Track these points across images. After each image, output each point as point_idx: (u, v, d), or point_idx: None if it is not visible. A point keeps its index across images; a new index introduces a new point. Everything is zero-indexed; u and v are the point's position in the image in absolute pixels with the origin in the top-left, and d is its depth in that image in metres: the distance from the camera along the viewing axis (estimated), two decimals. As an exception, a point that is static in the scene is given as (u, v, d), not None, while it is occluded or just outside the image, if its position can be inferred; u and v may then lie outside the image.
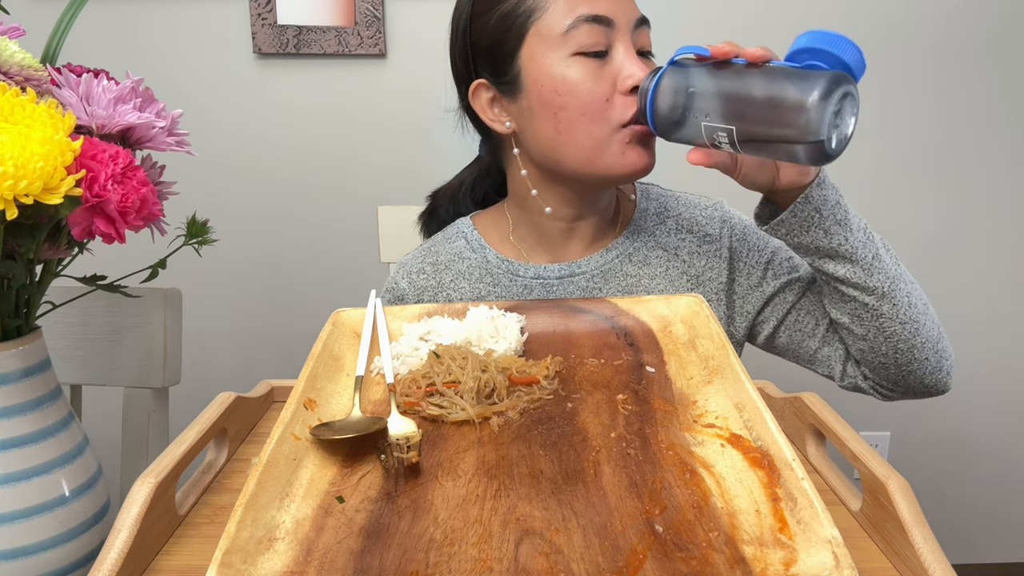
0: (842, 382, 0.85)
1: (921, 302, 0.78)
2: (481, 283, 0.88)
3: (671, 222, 0.90)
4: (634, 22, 0.77)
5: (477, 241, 0.90)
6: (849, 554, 0.38)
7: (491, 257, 0.89)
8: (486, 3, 0.80)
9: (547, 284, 0.87)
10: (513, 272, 0.87)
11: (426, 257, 0.92)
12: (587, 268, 0.87)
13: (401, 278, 0.91)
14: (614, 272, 0.87)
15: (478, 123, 0.88)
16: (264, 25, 1.45)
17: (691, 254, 0.88)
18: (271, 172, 1.54)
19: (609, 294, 0.86)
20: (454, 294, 0.88)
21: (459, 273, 0.89)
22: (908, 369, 0.78)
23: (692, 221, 0.90)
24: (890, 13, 1.50)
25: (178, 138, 0.61)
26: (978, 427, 1.71)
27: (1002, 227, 1.61)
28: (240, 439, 0.63)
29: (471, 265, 0.89)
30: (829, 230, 0.73)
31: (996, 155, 1.57)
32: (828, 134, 0.57)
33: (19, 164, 0.44)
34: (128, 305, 0.95)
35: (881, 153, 1.56)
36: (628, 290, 0.86)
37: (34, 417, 0.54)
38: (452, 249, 0.91)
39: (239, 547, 0.40)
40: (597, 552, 0.41)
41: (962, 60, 1.53)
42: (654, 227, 0.89)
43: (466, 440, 0.53)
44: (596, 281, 0.86)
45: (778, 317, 0.86)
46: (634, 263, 0.87)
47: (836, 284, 0.77)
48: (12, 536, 0.52)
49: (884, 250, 0.77)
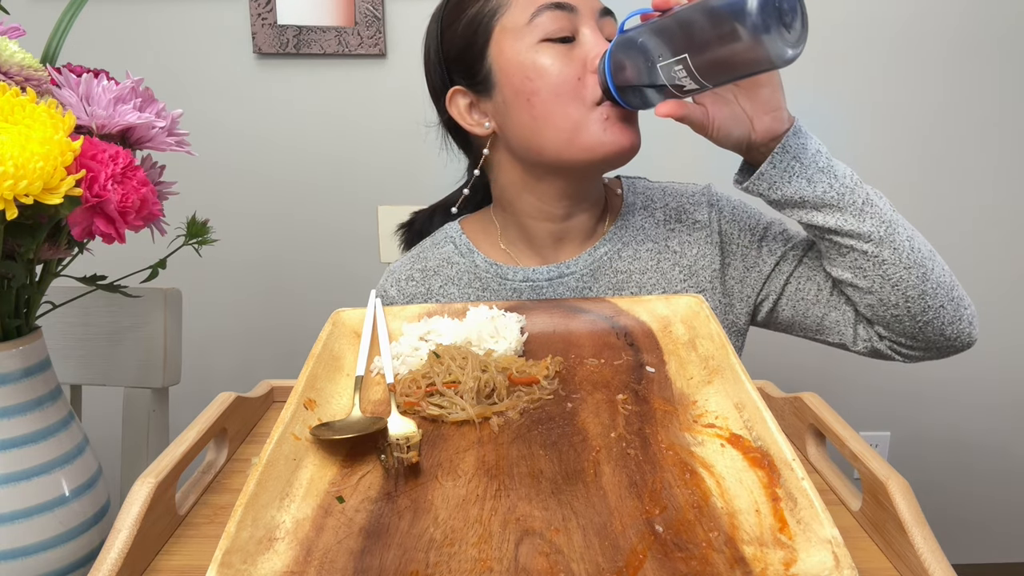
0: (855, 346, 0.82)
1: (926, 247, 0.75)
2: (470, 288, 0.87)
3: (659, 213, 0.88)
4: (598, 11, 0.79)
5: (466, 246, 0.90)
6: (849, 554, 0.38)
7: (479, 261, 0.88)
8: (453, 13, 0.83)
9: (536, 287, 0.86)
10: (502, 276, 0.87)
11: (415, 264, 0.91)
12: (576, 268, 0.86)
13: (390, 286, 0.91)
14: (603, 270, 0.86)
15: (459, 137, 0.89)
16: (264, 25, 1.45)
17: (682, 244, 0.86)
18: (271, 172, 1.54)
19: (600, 292, 0.85)
20: (443, 299, 0.87)
21: (448, 278, 0.88)
22: (924, 320, 0.74)
23: (680, 210, 0.88)
24: (890, 13, 1.50)
25: (178, 138, 0.61)
26: (978, 427, 1.71)
27: (1002, 226, 1.61)
28: (240, 439, 0.63)
29: (460, 270, 0.88)
30: (812, 178, 0.72)
31: (995, 155, 1.57)
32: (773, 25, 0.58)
33: (19, 164, 0.44)
34: (128, 305, 0.95)
35: (881, 152, 1.56)
36: (619, 287, 0.85)
37: (34, 417, 0.54)
38: (440, 254, 0.90)
39: (239, 547, 0.40)
40: (597, 552, 0.41)
41: (963, 60, 1.53)
42: (642, 220, 0.88)
43: (466, 440, 0.53)
44: (586, 280, 0.86)
45: (777, 290, 0.85)
46: (623, 259, 0.86)
47: (830, 236, 0.74)
48: (12, 536, 0.52)
49: (877, 197, 0.75)
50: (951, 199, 1.59)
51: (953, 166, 1.58)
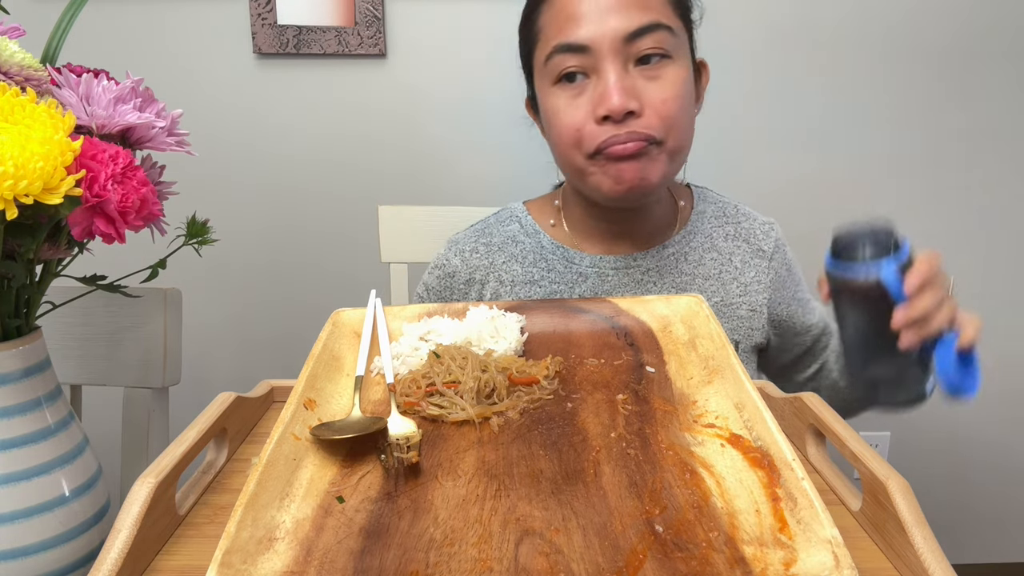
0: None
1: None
2: (535, 267, 0.88)
3: (729, 228, 0.91)
4: (620, 39, 0.74)
5: (531, 226, 0.91)
6: (849, 554, 0.38)
7: (546, 243, 0.89)
8: (524, 13, 0.84)
9: (602, 274, 0.87)
10: (568, 259, 0.88)
11: (480, 238, 0.92)
12: (643, 263, 0.87)
13: (454, 255, 0.91)
14: (669, 269, 0.87)
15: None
16: (264, 25, 1.45)
17: (743, 263, 0.89)
18: (271, 172, 1.54)
19: (664, 290, 0.87)
20: (505, 276, 0.89)
21: (512, 256, 0.90)
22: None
23: (749, 232, 0.91)
24: (888, 14, 1.50)
25: (178, 138, 0.60)
26: (978, 427, 1.71)
27: (1001, 227, 1.61)
28: (240, 439, 0.63)
29: (525, 249, 0.90)
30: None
31: (994, 156, 1.57)
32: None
33: (19, 164, 0.44)
34: (128, 305, 0.95)
35: (880, 151, 1.56)
36: (682, 288, 0.87)
37: (34, 417, 0.54)
38: (506, 232, 0.92)
39: (239, 547, 0.40)
40: (597, 552, 0.41)
41: (964, 60, 1.53)
42: (711, 229, 0.90)
43: (466, 440, 0.53)
44: (651, 275, 0.87)
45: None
46: (689, 262, 0.88)
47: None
48: (12, 536, 0.52)
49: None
50: (948, 200, 1.59)
51: (952, 165, 1.58)
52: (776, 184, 1.54)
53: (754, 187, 1.51)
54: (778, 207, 1.11)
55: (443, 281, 0.92)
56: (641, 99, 0.75)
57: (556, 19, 0.77)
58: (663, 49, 0.76)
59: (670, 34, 0.76)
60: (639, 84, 0.75)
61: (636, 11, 0.74)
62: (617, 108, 0.73)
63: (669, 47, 0.76)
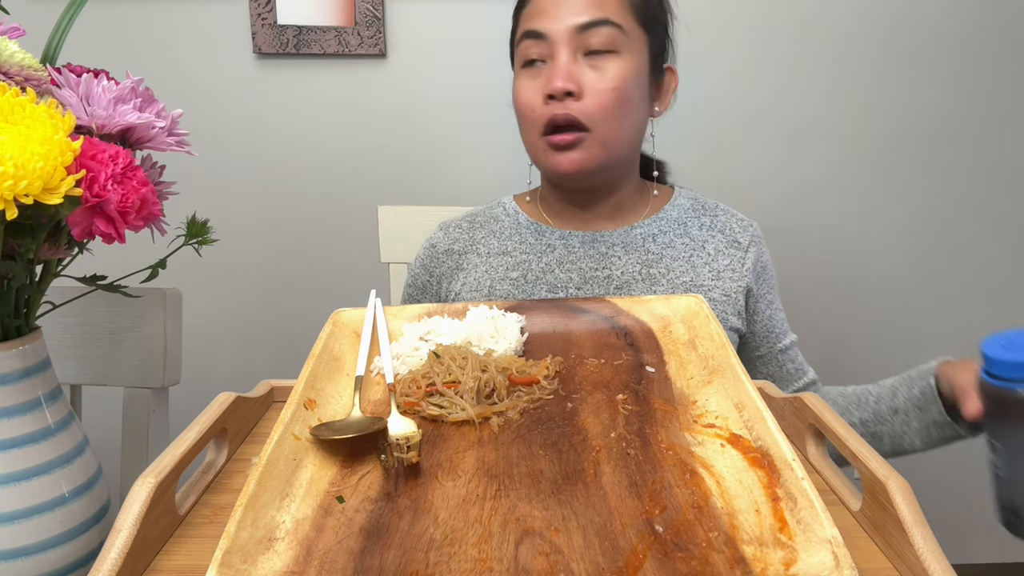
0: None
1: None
2: (510, 240, 0.95)
3: (705, 219, 0.95)
4: (573, 29, 0.83)
5: (513, 208, 0.99)
6: (849, 554, 0.38)
7: (522, 220, 0.97)
8: (514, 9, 0.92)
9: (569, 246, 0.93)
10: (539, 232, 0.95)
11: (464, 217, 1.02)
12: (609, 239, 0.92)
13: (438, 230, 1.01)
14: (635, 247, 0.92)
15: None
16: (264, 25, 1.45)
17: (717, 251, 0.92)
18: (271, 172, 1.54)
19: (629, 265, 0.90)
20: (483, 248, 0.96)
21: (491, 232, 0.97)
22: None
23: (726, 224, 0.95)
24: (889, 13, 1.50)
25: (178, 138, 0.60)
26: (978, 427, 1.71)
27: (998, 223, 1.61)
28: (240, 439, 0.63)
29: (503, 226, 0.98)
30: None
31: (993, 153, 1.57)
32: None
33: (19, 164, 0.44)
34: (128, 305, 0.95)
35: (879, 151, 1.56)
36: (648, 264, 0.90)
37: (34, 417, 0.54)
38: (490, 214, 1.00)
39: (239, 547, 0.40)
40: (597, 552, 0.41)
41: (962, 58, 1.53)
42: (685, 218, 0.94)
43: (466, 440, 0.53)
44: (616, 251, 0.92)
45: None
46: (658, 243, 0.92)
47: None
48: (12, 536, 0.52)
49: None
50: (953, 200, 1.59)
51: (952, 165, 1.58)
52: (763, 183, 1.54)
53: (742, 188, 1.51)
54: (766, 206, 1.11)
55: (428, 252, 1.00)
56: (581, 84, 0.83)
57: (530, 12, 0.88)
58: (610, 44, 0.84)
59: (620, 32, 0.84)
60: (583, 71, 0.84)
61: (591, 8, 0.84)
62: (559, 88, 0.82)
63: (617, 44, 0.84)
